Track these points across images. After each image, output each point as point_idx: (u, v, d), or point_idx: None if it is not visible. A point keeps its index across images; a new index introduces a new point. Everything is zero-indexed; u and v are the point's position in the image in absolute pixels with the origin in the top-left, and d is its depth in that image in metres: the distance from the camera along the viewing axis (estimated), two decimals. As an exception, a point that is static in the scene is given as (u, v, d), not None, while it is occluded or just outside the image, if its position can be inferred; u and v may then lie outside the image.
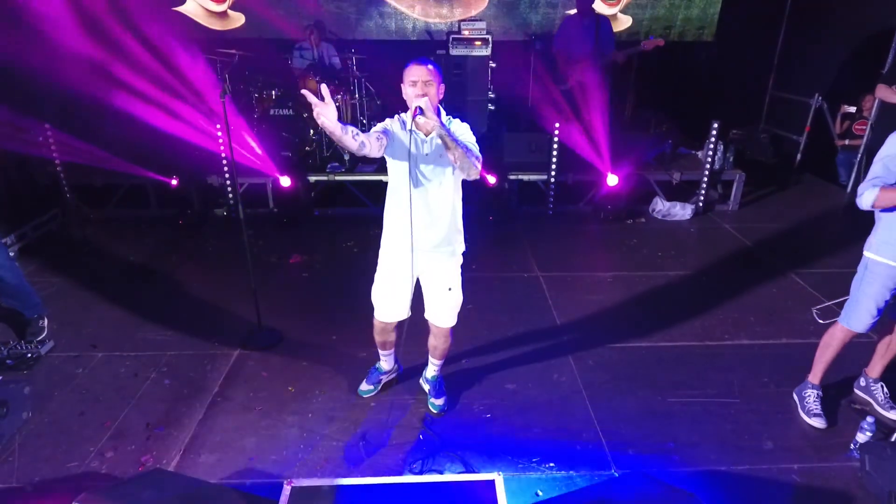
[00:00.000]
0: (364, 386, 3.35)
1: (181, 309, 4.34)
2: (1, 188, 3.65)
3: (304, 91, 2.31)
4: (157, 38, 6.56)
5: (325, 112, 2.23)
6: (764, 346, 3.92)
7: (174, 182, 5.99)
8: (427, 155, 2.67)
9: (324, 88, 2.27)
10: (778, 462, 2.91)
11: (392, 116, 2.76)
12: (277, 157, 6.10)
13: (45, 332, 3.93)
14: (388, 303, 2.98)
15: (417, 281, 2.99)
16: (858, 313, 2.95)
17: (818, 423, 3.11)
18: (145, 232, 5.83)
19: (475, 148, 2.63)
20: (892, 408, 3.18)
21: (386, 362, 3.34)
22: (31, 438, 3.04)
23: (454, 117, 2.73)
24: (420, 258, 2.85)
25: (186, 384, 3.49)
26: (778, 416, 3.24)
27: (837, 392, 3.40)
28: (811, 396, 3.19)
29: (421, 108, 2.42)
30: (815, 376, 3.21)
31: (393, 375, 3.44)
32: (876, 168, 2.69)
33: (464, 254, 2.97)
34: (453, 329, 3.09)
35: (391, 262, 2.91)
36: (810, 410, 3.16)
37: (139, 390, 3.43)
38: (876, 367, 3.28)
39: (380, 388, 3.37)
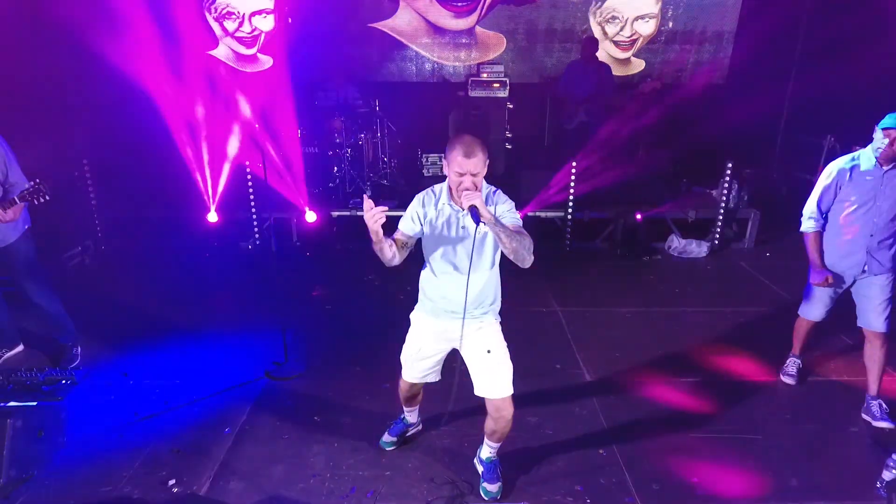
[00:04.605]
0: (387, 437, 3.24)
1: (209, 339, 4.45)
2: (40, 220, 3.86)
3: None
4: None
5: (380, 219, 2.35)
6: (785, 382, 3.92)
7: (214, 218, 6.20)
8: (466, 229, 2.57)
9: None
10: (803, 499, 2.91)
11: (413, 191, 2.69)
12: (304, 192, 6.35)
13: (79, 360, 4.06)
14: (418, 367, 2.90)
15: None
16: (808, 305, 3.69)
17: (789, 380, 3.86)
18: (173, 264, 6.01)
19: (524, 235, 2.48)
20: (884, 419, 3.40)
21: (411, 416, 3.28)
22: (65, 462, 3.12)
23: (495, 191, 2.63)
24: (456, 327, 2.70)
25: (215, 412, 3.57)
26: (801, 452, 3.24)
27: (863, 431, 3.41)
28: (790, 363, 3.93)
29: (475, 209, 2.31)
30: (795, 349, 3.91)
31: (418, 428, 3.37)
32: (814, 197, 3.51)
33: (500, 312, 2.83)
34: (514, 411, 2.74)
35: (426, 328, 2.82)
36: (785, 372, 3.91)
37: (171, 417, 3.51)
38: (871, 385, 3.47)
39: (402, 440, 3.27)
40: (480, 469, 2.98)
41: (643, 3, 8.20)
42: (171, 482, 2.97)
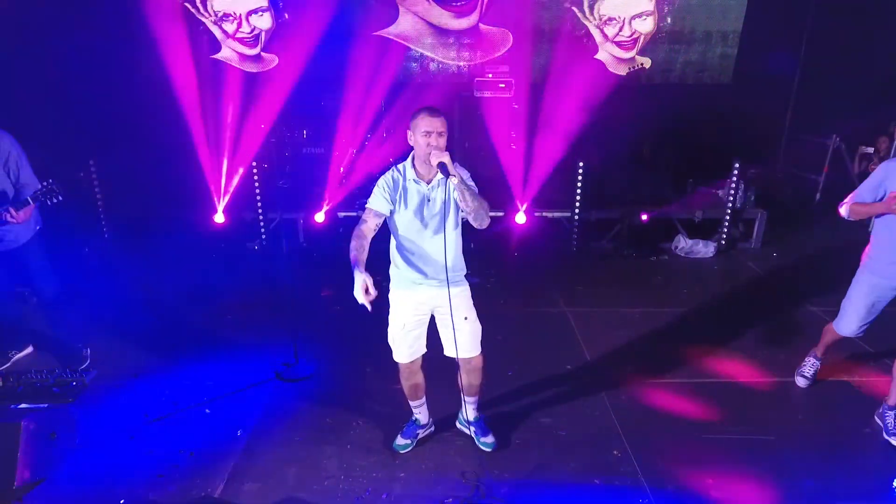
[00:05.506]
0: (400, 440, 3.23)
1: (217, 340, 4.44)
2: (45, 221, 3.86)
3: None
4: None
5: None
6: (798, 383, 3.91)
7: (221, 219, 6.18)
8: (433, 201, 2.77)
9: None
10: (819, 500, 2.90)
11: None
12: (310, 193, 6.36)
13: (89, 361, 4.05)
14: (405, 342, 2.98)
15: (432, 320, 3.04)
16: (843, 320, 3.49)
17: (802, 382, 3.81)
18: (181, 264, 5.99)
19: (483, 199, 2.71)
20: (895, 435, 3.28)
21: (421, 414, 3.26)
22: (77, 465, 3.11)
23: (454, 162, 2.75)
24: (434, 294, 2.89)
25: (226, 414, 3.56)
26: (815, 453, 3.23)
27: (877, 433, 3.39)
28: (808, 363, 3.83)
29: (444, 164, 2.56)
30: (818, 350, 3.79)
31: (430, 429, 3.36)
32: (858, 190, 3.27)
33: (485, 287, 2.97)
34: (484, 362, 3.06)
35: (405, 302, 2.94)
36: (801, 372, 3.82)
37: (182, 419, 3.51)
38: (893, 395, 3.36)
39: (416, 442, 3.25)
40: (471, 429, 3.21)
41: (638, 2, 8.17)
42: (190, 486, 2.97)
